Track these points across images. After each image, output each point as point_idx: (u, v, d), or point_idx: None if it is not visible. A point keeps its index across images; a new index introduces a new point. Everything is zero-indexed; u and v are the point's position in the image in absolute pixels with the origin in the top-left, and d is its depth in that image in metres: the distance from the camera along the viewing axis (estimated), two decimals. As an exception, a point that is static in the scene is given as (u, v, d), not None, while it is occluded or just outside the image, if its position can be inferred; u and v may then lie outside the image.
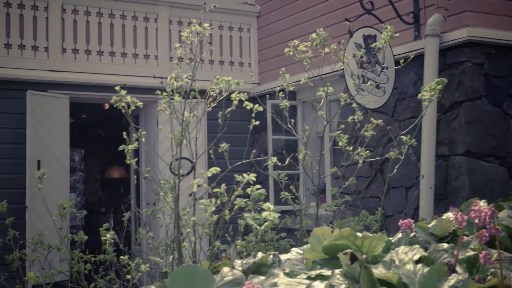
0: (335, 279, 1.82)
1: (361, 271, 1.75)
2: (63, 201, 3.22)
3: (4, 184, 7.57)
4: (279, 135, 8.60)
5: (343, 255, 1.85)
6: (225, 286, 2.06)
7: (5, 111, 7.69)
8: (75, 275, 3.14)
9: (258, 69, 9.44)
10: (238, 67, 9.39)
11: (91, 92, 8.32)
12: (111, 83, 8.30)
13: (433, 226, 2.13)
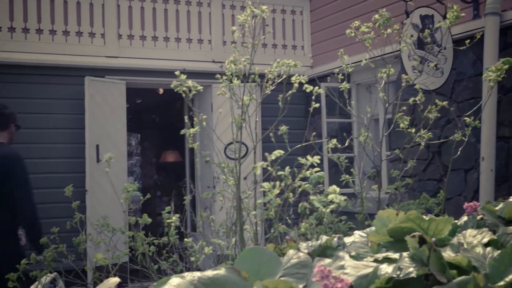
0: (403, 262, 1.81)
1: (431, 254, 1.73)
2: (127, 184, 3.28)
3: (64, 169, 7.78)
4: (333, 118, 8.55)
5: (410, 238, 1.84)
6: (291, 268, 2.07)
7: (64, 97, 7.87)
8: (139, 257, 3.20)
9: (311, 52, 9.40)
10: (291, 50, 9.36)
11: (146, 77, 8.44)
12: (166, 68, 8.42)
13: (501, 208, 2.09)
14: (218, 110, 7.87)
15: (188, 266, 3.24)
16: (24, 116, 7.65)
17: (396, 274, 1.76)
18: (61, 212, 7.67)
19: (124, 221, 3.53)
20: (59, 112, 7.84)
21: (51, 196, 7.69)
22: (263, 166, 2.40)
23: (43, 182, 7.63)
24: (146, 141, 11.65)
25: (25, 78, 7.70)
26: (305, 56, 9.26)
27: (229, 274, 1.82)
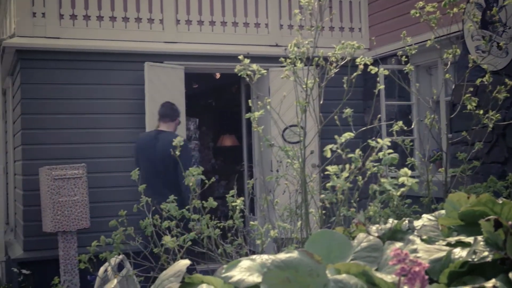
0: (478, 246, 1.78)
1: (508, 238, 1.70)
2: (192, 168, 3.32)
3: (125, 153, 7.92)
4: (392, 101, 8.44)
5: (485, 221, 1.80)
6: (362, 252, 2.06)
7: (124, 82, 8.01)
8: (205, 240, 3.25)
9: (368, 34, 9.28)
10: (349, 33, 9.26)
11: (204, 62, 8.49)
12: (223, 52, 8.47)
13: None
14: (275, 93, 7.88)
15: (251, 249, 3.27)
16: (87, 102, 7.84)
17: (471, 258, 1.73)
18: (124, 195, 7.85)
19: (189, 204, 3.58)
20: (120, 98, 7.98)
21: (114, 180, 7.86)
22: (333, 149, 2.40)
23: (106, 166, 7.81)
24: (203, 125, 11.76)
25: (87, 65, 7.86)
26: (362, 38, 9.14)
27: (302, 257, 1.83)
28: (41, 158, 7.51)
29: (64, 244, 7.02)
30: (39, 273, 7.18)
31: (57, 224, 6.94)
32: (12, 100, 8.93)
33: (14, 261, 7.45)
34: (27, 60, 7.65)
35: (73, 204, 7.02)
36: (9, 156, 9.33)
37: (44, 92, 7.66)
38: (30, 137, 7.58)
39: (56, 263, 7.12)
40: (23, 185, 7.57)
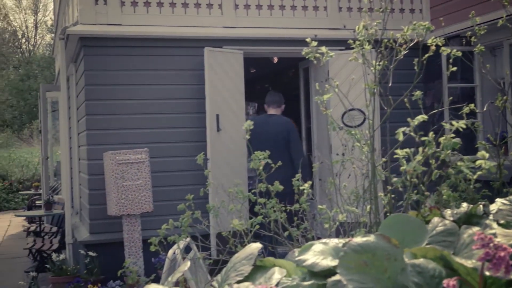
0: None
1: None
2: (258, 152, 3.33)
3: (186, 138, 8.02)
4: (454, 83, 8.26)
5: None
6: (437, 236, 2.03)
7: (184, 68, 8.08)
8: (272, 223, 3.26)
9: (429, 15, 9.08)
10: (409, 14, 9.08)
11: (263, 47, 8.48)
12: (282, 36, 8.45)
13: None
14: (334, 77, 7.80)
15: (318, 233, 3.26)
16: (149, 88, 7.95)
17: (552, 242, 1.68)
18: (186, 179, 7.96)
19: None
20: (180, 83, 8.06)
21: (175, 164, 7.97)
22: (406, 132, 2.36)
23: (168, 150, 7.92)
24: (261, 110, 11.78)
25: (147, 51, 7.97)
26: (423, 19, 8.95)
27: (379, 241, 1.82)
28: (104, 143, 7.67)
29: (128, 227, 7.17)
30: (105, 255, 7.37)
31: (121, 207, 7.09)
32: (76, 87, 9.14)
33: (80, 244, 7.66)
34: (90, 47, 7.81)
35: (137, 188, 7.16)
36: (73, 142, 9.57)
37: (107, 78, 7.81)
38: (94, 122, 7.75)
39: (120, 245, 7.29)
40: (88, 170, 7.76)
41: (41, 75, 35.05)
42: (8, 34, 41.39)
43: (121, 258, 7.24)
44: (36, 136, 30.59)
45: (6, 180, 20.40)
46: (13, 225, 15.63)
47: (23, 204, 18.86)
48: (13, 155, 22.88)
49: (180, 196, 7.91)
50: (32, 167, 21.43)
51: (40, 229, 10.45)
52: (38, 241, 9.52)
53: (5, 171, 20.90)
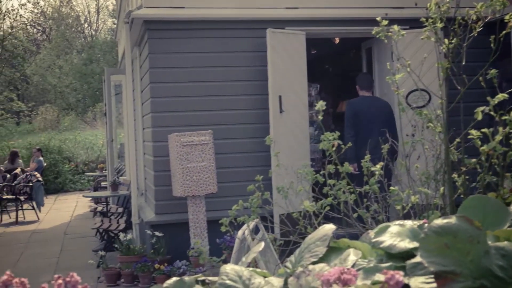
0: None
1: None
2: (327, 133, 3.31)
3: (249, 120, 8.05)
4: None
5: None
6: (524, 219, 1.97)
7: (247, 49, 8.09)
8: (342, 205, 3.25)
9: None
10: (476, -10, 8.81)
11: (325, 27, 8.40)
12: (344, 16, 8.34)
13: None
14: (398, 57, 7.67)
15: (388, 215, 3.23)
16: (212, 70, 8.00)
17: None
18: (247, 161, 8.00)
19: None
20: (243, 65, 8.08)
21: (237, 146, 8.02)
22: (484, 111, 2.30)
23: (230, 133, 7.98)
24: (322, 91, 11.71)
25: (210, 33, 8.01)
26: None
27: (460, 223, 1.78)
28: (169, 125, 7.78)
29: (193, 208, 7.27)
30: (170, 235, 7.50)
31: (186, 188, 7.20)
32: (140, 70, 9.28)
33: (146, 224, 7.83)
34: (154, 30, 7.91)
35: (201, 170, 7.24)
36: (137, 124, 9.74)
37: (171, 61, 7.90)
38: (159, 105, 7.87)
39: (185, 226, 7.41)
40: (153, 152, 7.89)
41: (103, 59, 35.76)
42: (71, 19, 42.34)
43: (186, 239, 7.37)
44: (100, 119, 31.30)
45: (72, 162, 20.99)
46: (79, 205, 16.10)
47: (88, 185, 19.37)
48: (78, 138, 23.49)
49: (243, 178, 8.00)
50: (97, 149, 21.96)
51: (106, 210, 10.72)
52: (105, 221, 9.77)
53: (71, 153, 21.49)
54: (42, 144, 20.82)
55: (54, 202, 17.11)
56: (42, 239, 11.28)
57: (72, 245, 10.47)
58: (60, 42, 40.53)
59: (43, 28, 45.86)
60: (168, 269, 7.05)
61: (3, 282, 1.50)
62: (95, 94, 35.18)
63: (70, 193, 19.44)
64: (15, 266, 9.06)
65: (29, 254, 9.91)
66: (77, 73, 36.43)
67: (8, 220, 13.85)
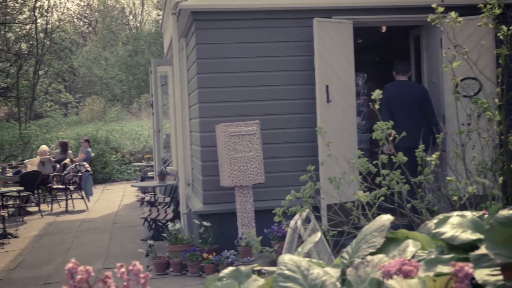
0: None
1: None
2: (380, 123, 3.27)
3: (296, 110, 8.03)
4: None
5: None
6: None
7: (293, 39, 8.06)
8: (396, 195, 3.21)
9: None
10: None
11: (372, 16, 8.30)
12: (392, 4, 8.22)
13: None
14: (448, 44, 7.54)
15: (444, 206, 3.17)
16: (258, 60, 8.00)
17: None
18: (294, 151, 7.99)
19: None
20: (289, 55, 8.05)
21: (284, 136, 8.01)
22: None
23: (277, 123, 7.97)
24: (369, 80, 11.59)
25: (257, 23, 8.00)
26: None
27: (528, 214, 1.74)
28: (216, 115, 7.82)
29: (241, 198, 7.30)
30: (218, 225, 7.55)
31: (234, 179, 7.23)
32: (187, 61, 9.34)
33: (195, 214, 7.89)
34: (201, 21, 7.94)
35: (249, 160, 7.26)
36: (184, 115, 9.81)
37: (218, 52, 7.93)
38: (206, 95, 7.91)
39: (233, 216, 7.44)
40: (201, 142, 7.94)
41: (148, 51, 36.10)
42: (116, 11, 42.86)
43: (233, 229, 7.41)
44: (144, 110, 31.66)
45: (118, 152, 21.30)
46: (126, 195, 16.34)
47: (135, 175, 19.65)
48: (125, 128, 23.81)
49: (290, 168, 8.00)
50: (143, 140, 22.23)
51: (154, 199, 10.85)
52: (153, 210, 9.89)
53: (118, 144, 21.81)
54: (89, 134, 21.19)
55: (102, 192, 17.41)
56: (91, 228, 11.50)
57: (120, 234, 10.64)
58: (106, 34, 41.08)
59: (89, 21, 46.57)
60: (216, 259, 7.10)
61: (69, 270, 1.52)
62: (140, 86, 35.56)
63: (117, 183, 19.75)
64: (66, 254, 9.26)
65: (80, 242, 10.12)
66: (122, 65, 36.88)
67: (58, 209, 14.15)
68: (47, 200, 15.29)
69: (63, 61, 35.53)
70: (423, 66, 8.86)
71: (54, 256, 9.14)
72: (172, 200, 10.33)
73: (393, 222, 3.33)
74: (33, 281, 7.76)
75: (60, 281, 7.61)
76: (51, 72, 32.67)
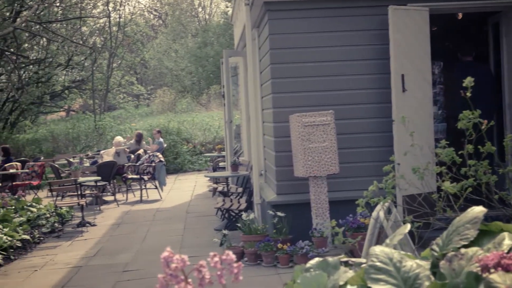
0: None
1: None
2: (466, 112, 3.18)
3: (370, 99, 7.93)
4: None
5: None
6: None
7: (367, 28, 7.94)
8: (484, 186, 3.12)
9: None
10: None
11: (449, 2, 8.08)
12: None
13: None
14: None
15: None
16: (331, 49, 7.94)
17: None
18: (368, 141, 7.90)
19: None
20: (363, 44, 7.94)
21: (358, 126, 7.93)
22: None
23: (350, 113, 7.89)
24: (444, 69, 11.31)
25: (329, 12, 7.92)
26: None
27: None
28: (289, 105, 7.81)
29: (315, 189, 7.27)
30: (292, 216, 7.55)
31: (308, 169, 7.20)
32: (259, 51, 9.35)
33: (268, 204, 7.92)
34: (274, 11, 7.92)
35: (323, 150, 7.22)
36: (257, 105, 9.83)
37: (291, 42, 7.90)
38: (279, 85, 7.90)
39: (306, 206, 7.43)
40: (274, 132, 7.94)
41: (217, 42, 36.41)
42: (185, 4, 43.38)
43: (307, 219, 7.39)
44: (214, 101, 31.97)
45: (190, 143, 21.61)
46: (198, 185, 16.57)
47: (206, 166, 19.89)
48: (196, 119, 24.11)
49: (365, 158, 7.92)
50: (213, 131, 22.46)
51: (227, 190, 10.96)
52: (227, 200, 9.99)
53: (189, 135, 22.12)
54: (161, 126, 21.57)
55: (174, 182, 17.72)
56: (165, 217, 11.73)
57: (194, 224, 10.80)
58: (176, 26, 41.71)
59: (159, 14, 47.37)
60: (290, 249, 7.11)
61: (165, 258, 1.55)
62: (209, 77, 35.93)
63: (188, 173, 20.06)
64: (143, 242, 9.48)
65: (155, 231, 10.34)
66: (192, 57, 37.35)
67: (133, 199, 14.50)
68: (122, 190, 15.70)
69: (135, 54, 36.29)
70: (502, 53, 8.57)
71: (131, 244, 9.37)
72: (244, 190, 10.40)
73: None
74: (112, 268, 7.98)
75: (138, 269, 7.80)
76: (123, 64, 33.43)
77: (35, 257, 9.14)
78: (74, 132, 23.56)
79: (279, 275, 6.90)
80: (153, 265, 7.82)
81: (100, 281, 7.38)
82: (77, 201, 11.51)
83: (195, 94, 36.30)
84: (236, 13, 14.08)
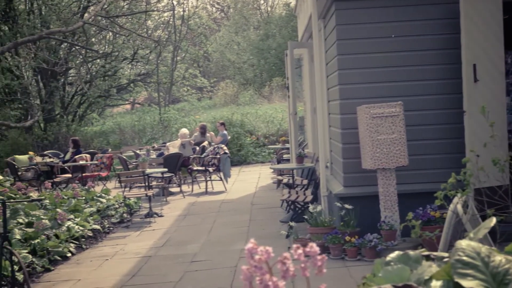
0: None
1: None
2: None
3: (440, 90, 7.76)
4: None
5: None
6: None
7: (436, 17, 7.76)
8: None
9: None
10: None
11: (524, -12, 7.80)
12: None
13: None
14: None
15: None
16: (399, 40, 7.80)
17: None
18: (438, 133, 7.73)
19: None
20: (432, 33, 7.77)
21: (427, 117, 7.77)
22: None
23: (420, 104, 7.74)
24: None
25: (398, 1, 7.78)
26: None
27: None
28: (357, 97, 7.72)
29: (384, 181, 7.17)
30: (360, 208, 7.47)
31: (376, 161, 7.11)
32: (325, 43, 9.28)
33: (335, 196, 7.87)
34: (341, 1, 7.84)
35: (391, 142, 7.11)
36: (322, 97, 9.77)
37: (358, 32, 7.80)
38: (346, 76, 7.82)
39: (374, 199, 7.34)
40: (341, 124, 7.87)
41: (279, 34, 36.39)
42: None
43: (375, 212, 7.31)
44: (276, 93, 31.98)
45: (253, 135, 21.68)
46: (262, 177, 16.62)
47: (269, 158, 19.92)
48: (259, 112, 24.18)
49: (435, 151, 7.76)
50: (276, 123, 22.47)
51: (292, 182, 10.95)
52: (292, 192, 9.98)
53: (253, 127, 22.20)
54: (225, 118, 21.73)
55: (238, 173, 17.83)
56: (231, 209, 11.82)
57: (259, 215, 10.84)
58: (238, 19, 41.90)
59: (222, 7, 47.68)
60: (359, 242, 7.04)
61: (249, 250, 1.54)
62: (271, 69, 35.99)
63: (252, 165, 20.14)
64: (210, 233, 9.58)
65: (221, 223, 10.43)
66: (254, 49, 37.47)
67: (198, 190, 14.67)
68: (187, 181, 15.91)
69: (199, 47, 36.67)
70: None
71: (198, 235, 9.48)
72: (310, 182, 10.37)
73: None
74: (181, 258, 8.10)
75: (206, 259, 7.89)
76: (187, 58, 33.84)
77: (105, 247, 9.37)
78: (140, 124, 24.02)
79: (347, 268, 6.84)
80: (221, 256, 7.89)
81: (169, 271, 7.50)
82: (145, 192, 11.73)
83: (257, 87, 36.40)
84: (300, 4, 14.02)
